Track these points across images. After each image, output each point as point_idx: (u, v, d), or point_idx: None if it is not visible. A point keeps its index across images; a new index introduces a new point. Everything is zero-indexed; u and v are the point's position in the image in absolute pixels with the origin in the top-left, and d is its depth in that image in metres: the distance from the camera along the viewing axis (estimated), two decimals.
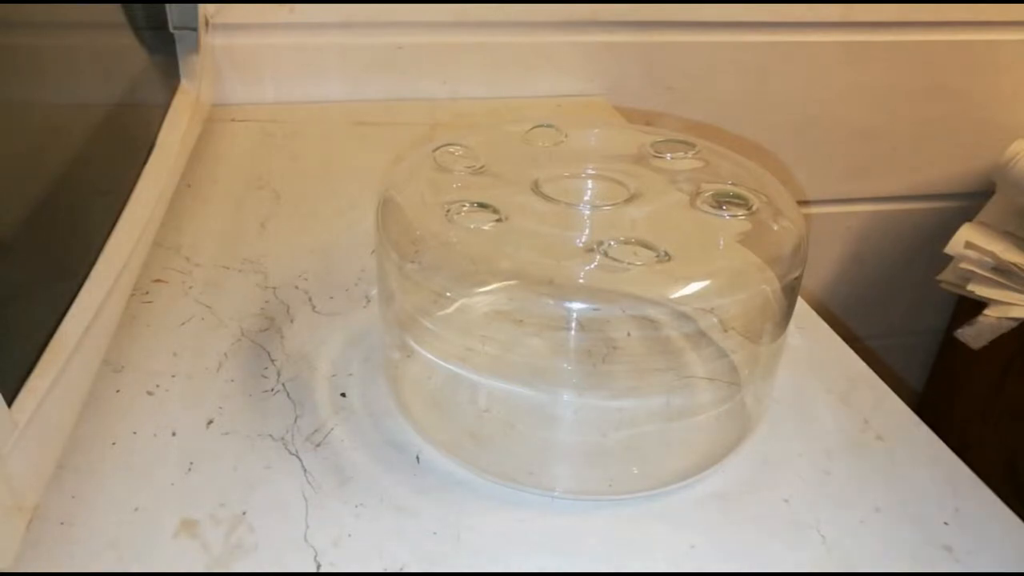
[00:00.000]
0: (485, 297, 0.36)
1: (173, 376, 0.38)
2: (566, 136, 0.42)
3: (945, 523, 0.33)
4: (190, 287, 0.45)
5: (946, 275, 0.86)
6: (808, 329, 0.45)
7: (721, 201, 0.35)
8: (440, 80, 0.74)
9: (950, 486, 0.34)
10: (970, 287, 0.82)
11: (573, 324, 0.32)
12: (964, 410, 0.97)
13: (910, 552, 0.31)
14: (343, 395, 0.38)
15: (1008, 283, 0.81)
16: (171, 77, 0.60)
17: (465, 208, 0.34)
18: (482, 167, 0.38)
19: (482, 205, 0.35)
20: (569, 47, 0.75)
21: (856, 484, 0.34)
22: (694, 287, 0.31)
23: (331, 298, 0.45)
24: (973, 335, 0.81)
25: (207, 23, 0.65)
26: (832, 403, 0.39)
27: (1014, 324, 0.79)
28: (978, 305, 0.82)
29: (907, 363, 1.04)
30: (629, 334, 0.35)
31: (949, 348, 1.00)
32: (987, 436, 0.92)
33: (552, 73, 0.76)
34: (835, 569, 0.30)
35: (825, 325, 0.45)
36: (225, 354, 0.40)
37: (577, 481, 0.34)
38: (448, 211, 0.34)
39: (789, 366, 0.41)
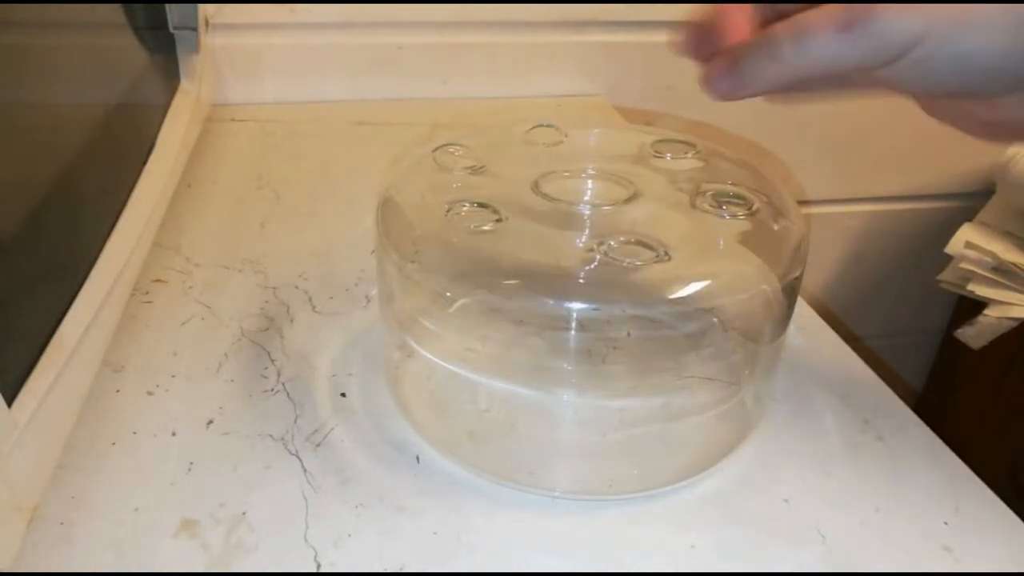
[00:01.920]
0: (485, 297, 0.36)
1: (173, 376, 0.38)
2: (566, 136, 0.42)
3: (945, 523, 0.33)
4: (190, 287, 0.45)
5: (946, 275, 0.86)
6: (808, 329, 0.45)
7: (721, 201, 0.35)
8: (440, 80, 0.74)
9: (950, 486, 0.34)
10: (970, 287, 0.82)
11: (573, 324, 0.32)
12: (964, 410, 0.97)
13: (910, 552, 0.31)
14: (343, 395, 0.38)
15: (1008, 283, 0.81)
16: (171, 77, 0.60)
17: (465, 208, 0.34)
18: (482, 167, 0.38)
19: (482, 205, 0.34)
20: (569, 47, 0.75)
21: (856, 484, 0.34)
22: (694, 287, 0.31)
23: (331, 298, 0.45)
24: (973, 335, 0.81)
25: (207, 23, 0.65)
26: (832, 403, 0.39)
27: (1014, 324, 0.79)
28: (978, 305, 0.82)
29: (907, 363, 1.04)
30: (629, 334, 0.35)
31: (949, 348, 1.00)
32: (987, 436, 0.92)
33: (552, 73, 0.76)
34: (835, 569, 0.30)
35: (825, 325, 0.45)
36: (225, 354, 0.40)
37: (577, 481, 0.34)
38: (448, 211, 0.34)
39: (789, 366, 0.41)
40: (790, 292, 0.34)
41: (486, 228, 0.34)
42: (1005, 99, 0.28)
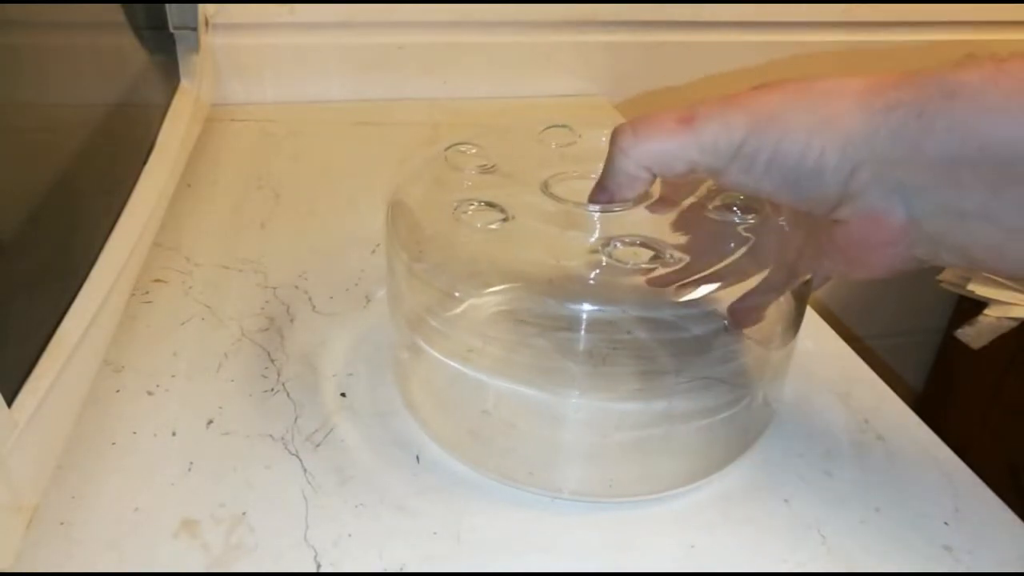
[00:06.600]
0: (492, 297, 0.36)
1: (173, 376, 0.38)
2: (579, 137, 0.42)
3: (945, 523, 0.33)
4: (190, 287, 0.45)
5: (946, 275, 0.86)
6: (809, 330, 0.45)
7: (731, 203, 0.35)
8: (440, 80, 0.74)
9: (950, 486, 0.34)
10: (970, 287, 0.82)
11: (580, 325, 0.32)
12: (964, 410, 0.97)
13: (910, 552, 0.31)
14: (343, 395, 0.38)
15: (1008, 283, 0.81)
16: (171, 77, 0.60)
17: (472, 207, 0.34)
18: (493, 167, 0.38)
19: (490, 204, 0.34)
20: (569, 47, 0.75)
21: (856, 484, 0.34)
22: (702, 290, 0.31)
23: (331, 298, 0.45)
24: (973, 335, 0.81)
25: (207, 23, 0.65)
26: (832, 403, 0.39)
27: (1014, 324, 0.79)
28: (978, 305, 0.82)
29: (907, 363, 1.04)
30: (635, 336, 0.35)
31: (949, 348, 1.00)
32: (987, 436, 0.92)
33: (552, 73, 0.76)
34: (835, 569, 0.30)
35: (826, 325, 0.45)
36: (225, 354, 0.40)
37: (578, 482, 0.34)
38: (455, 210, 0.34)
39: (790, 366, 0.40)
40: (800, 296, 0.33)
41: (493, 227, 0.33)
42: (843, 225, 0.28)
